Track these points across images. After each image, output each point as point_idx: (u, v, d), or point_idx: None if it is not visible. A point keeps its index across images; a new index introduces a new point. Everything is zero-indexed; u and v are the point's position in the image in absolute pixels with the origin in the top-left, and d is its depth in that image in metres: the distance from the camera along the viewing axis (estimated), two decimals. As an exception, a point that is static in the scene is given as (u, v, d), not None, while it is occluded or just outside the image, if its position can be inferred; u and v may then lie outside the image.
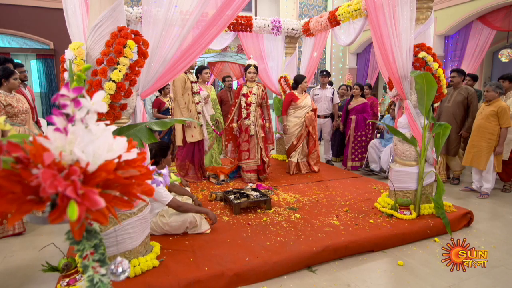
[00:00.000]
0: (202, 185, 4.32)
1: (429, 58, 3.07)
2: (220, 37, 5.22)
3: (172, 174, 0.97)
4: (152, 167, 1.02)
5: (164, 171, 1.05)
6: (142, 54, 2.08)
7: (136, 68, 2.06)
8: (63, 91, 0.68)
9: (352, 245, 2.66)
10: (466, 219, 3.25)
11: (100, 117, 1.98)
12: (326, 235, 2.79)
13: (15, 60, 6.90)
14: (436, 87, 2.97)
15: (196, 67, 4.74)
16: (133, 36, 2.05)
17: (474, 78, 5.17)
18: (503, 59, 6.76)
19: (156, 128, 2.08)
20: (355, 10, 4.22)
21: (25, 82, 4.05)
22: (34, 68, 7.22)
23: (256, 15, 8.73)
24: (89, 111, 0.73)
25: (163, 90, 5.85)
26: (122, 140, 0.78)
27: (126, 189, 0.73)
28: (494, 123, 4.03)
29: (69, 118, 0.70)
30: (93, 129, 0.72)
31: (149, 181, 0.86)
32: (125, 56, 1.98)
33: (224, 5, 2.47)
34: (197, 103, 4.41)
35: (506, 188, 4.45)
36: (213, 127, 4.83)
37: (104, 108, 0.75)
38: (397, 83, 3.15)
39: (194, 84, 4.40)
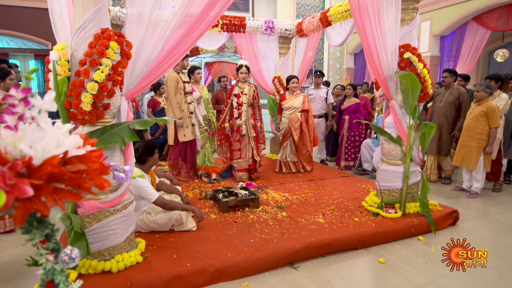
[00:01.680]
0: (194, 184, 4.37)
1: (414, 59, 3.10)
2: (213, 37, 5.29)
3: (136, 170, 1.00)
4: (112, 163, 1.08)
5: (127, 167, 1.10)
6: (125, 55, 2.14)
7: (119, 69, 2.11)
8: (11, 91, 0.73)
9: (334, 243, 2.70)
10: (451, 218, 3.29)
11: (83, 116, 2.05)
12: (310, 232, 2.83)
13: (13, 61, 6.98)
14: (420, 87, 3.01)
15: (188, 68, 4.79)
16: (116, 37, 2.10)
17: (466, 78, 5.19)
18: (498, 59, 6.78)
19: (138, 127, 2.14)
20: (346, 11, 4.26)
21: (20, 83, 4.12)
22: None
23: (253, 16, 8.77)
24: (40, 110, 0.79)
25: (158, 90, 5.93)
26: (75, 137, 0.83)
27: (75, 182, 0.78)
28: (484, 123, 4.06)
29: (20, 117, 0.75)
30: (44, 126, 0.78)
31: (106, 177, 0.92)
32: (107, 57, 2.03)
33: (208, 6, 2.52)
34: (190, 103, 4.47)
35: (497, 188, 4.47)
36: (205, 127, 4.89)
37: (54, 108, 0.80)
38: (383, 83, 3.19)
39: (186, 84, 4.46)
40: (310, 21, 5.05)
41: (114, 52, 2.06)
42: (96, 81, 2.01)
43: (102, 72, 2.02)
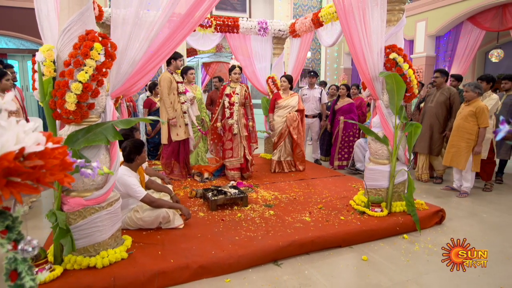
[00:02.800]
0: (186, 182, 4.42)
1: (400, 59, 3.14)
2: (207, 38, 5.34)
3: (104, 167, 1.02)
4: (79, 160, 1.13)
5: (94, 164, 1.15)
6: (110, 56, 2.19)
7: (103, 70, 2.17)
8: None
9: (318, 240, 2.74)
10: (437, 217, 3.32)
11: (68, 115, 2.10)
12: (295, 230, 2.87)
13: (11, 61, 7.05)
14: (404, 87, 3.04)
15: (181, 68, 4.84)
16: (100, 39, 2.16)
17: (458, 78, 5.22)
18: (493, 59, 6.80)
19: (121, 126, 2.20)
20: (336, 12, 4.29)
21: (15, 83, 4.19)
22: (30, 69, 7.39)
23: (250, 16, 8.84)
24: (0, 110, 0.84)
25: (154, 90, 5.99)
26: (36, 135, 0.88)
27: (33, 176, 0.83)
28: (473, 123, 4.09)
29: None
30: (4, 125, 0.83)
31: (69, 173, 0.97)
32: (91, 58, 2.08)
33: (193, 6, 2.57)
34: (183, 103, 4.53)
35: (487, 187, 4.49)
36: (198, 127, 4.94)
37: (13, 107, 0.85)
38: (369, 84, 3.22)
39: (179, 85, 4.52)
40: (303, 22, 5.10)
41: (98, 53, 2.11)
42: (80, 82, 2.07)
43: (86, 72, 2.07)
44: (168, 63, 4.44)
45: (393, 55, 3.13)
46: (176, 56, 4.41)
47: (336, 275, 2.44)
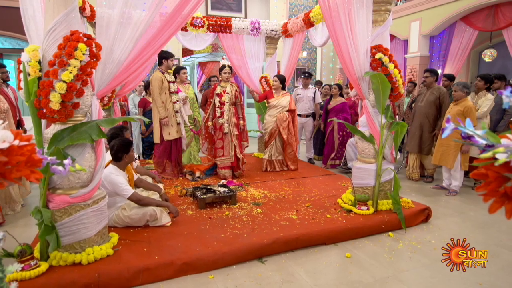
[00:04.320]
0: (177, 181, 4.46)
1: (386, 59, 3.18)
2: (200, 38, 5.38)
3: (77, 165, 1.04)
4: (49, 158, 1.17)
5: (66, 161, 1.19)
6: (94, 56, 2.23)
7: (88, 70, 2.20)
8: None
9: (303, 238, 2.78)
10: (424, 215, 3.36)
11: (52, 114, 2.14)
12: (281, 228, 2.91)
13: (7, 61, 7.07)
14: (389, 87, 3.08)
15: (174, 68, 4.88)
16: (85, 39, 2.20)
17: (451, 78, 5.25)
18: (486, 59, 6.85)
19: (105, 125, 2.24)
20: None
21: (8, 82, 4.23)
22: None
23: (246, 17, 8.87)
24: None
25: (148, 90, 6.03)
26: (2, 133, 0.92)
27: (-2, 172, 0.88)
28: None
29: None
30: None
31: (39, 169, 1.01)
32: (75, 58, 2.12)
33: (179, 5, 2.60)
34: (175, 102, 4.56)
35: (477, 186, 4.52)
36: (190, 127, 4.98)
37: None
38: (355, 83, 3.26)
39: (171, 84, 4.55)
40: (295, 22, 5.13)
41: (83, 54, 2.15)
42: (64, 81, 2.10)
43: (70, 72, 2.11)
44: (160, 62, 4.48)
45: (379, 55, 3.16)
46: (168, 55, 4.45)
47: (319, 271, 2.48)
